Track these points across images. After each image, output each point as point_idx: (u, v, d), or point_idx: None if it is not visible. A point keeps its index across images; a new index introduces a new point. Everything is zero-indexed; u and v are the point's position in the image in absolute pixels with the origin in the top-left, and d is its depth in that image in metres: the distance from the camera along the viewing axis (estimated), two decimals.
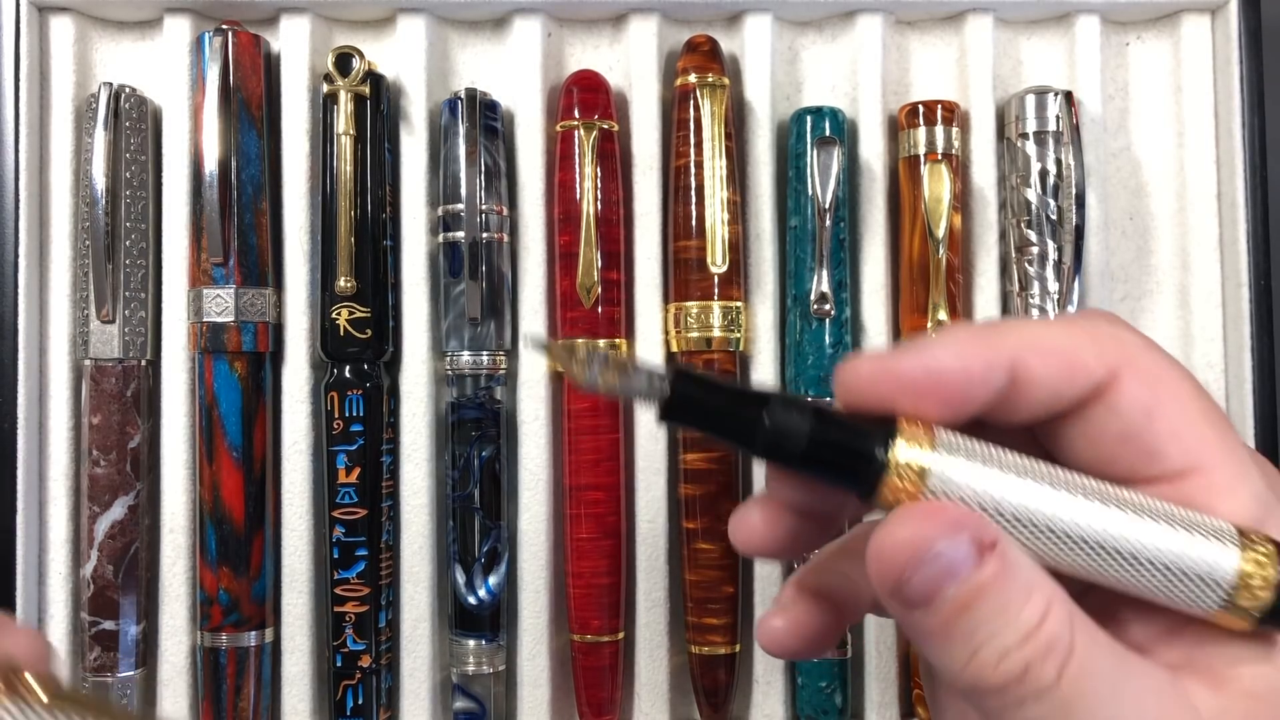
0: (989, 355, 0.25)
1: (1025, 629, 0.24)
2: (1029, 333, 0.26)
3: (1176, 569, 0.25)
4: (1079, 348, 0.26)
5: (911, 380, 0.25)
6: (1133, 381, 0.26)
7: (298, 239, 0.52)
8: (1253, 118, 0.53)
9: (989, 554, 0.24)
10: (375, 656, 0.51)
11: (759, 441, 0.26)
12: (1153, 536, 0.25)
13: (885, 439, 0.25)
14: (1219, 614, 0.25)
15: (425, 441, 0.52)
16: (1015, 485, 0.25)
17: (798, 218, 0.53)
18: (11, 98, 0.51)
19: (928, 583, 0.24)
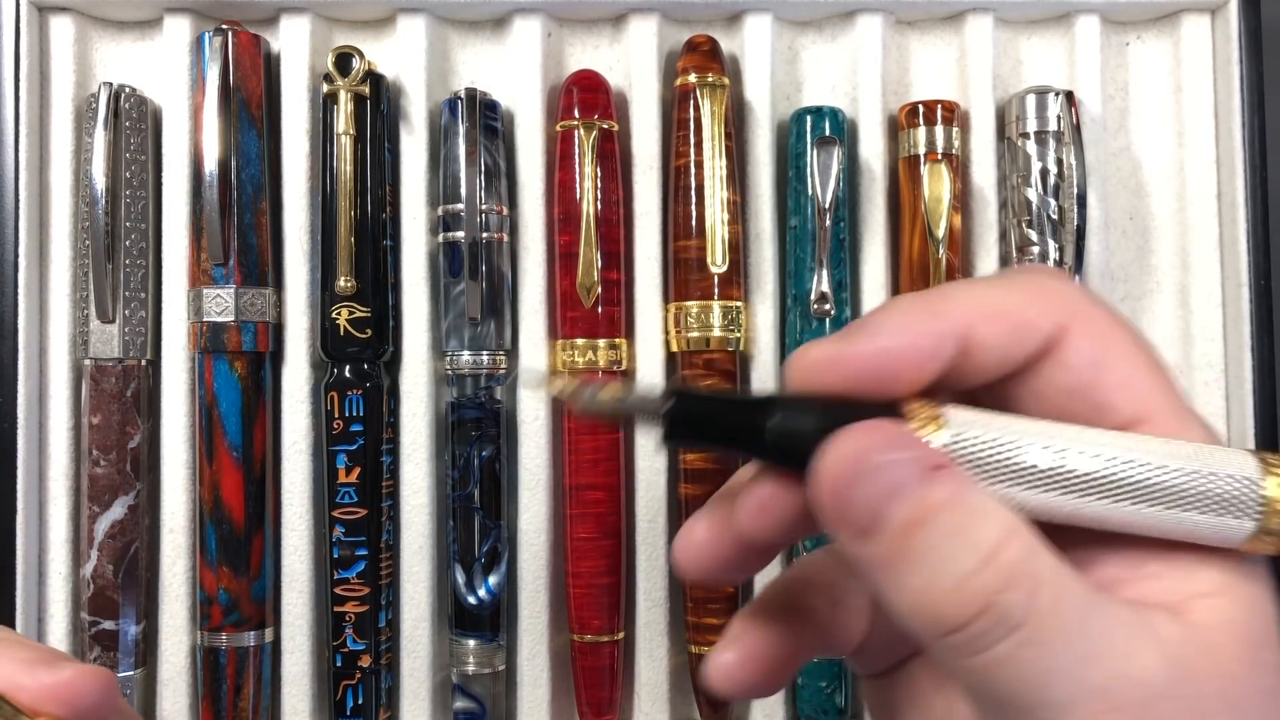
0: (937, 327, 0.25)
1: (984, 551, 0.22)
2: (974, 297, 0.26)
3: (1201, 496, 0.24)
4: (1025, 306, 0.26)
5: (863, 364, 0.25)
6: (1081, 336, 0.25)
7: (298, 239, 0.52)
8: (1253, 117, 0.53)
9: (939, 473, 0.23)
10: (375, 656, 0.51)
11: (769, 446, 0.25)
12: (1182, 469, 0.24)
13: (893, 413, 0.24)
14: (1250, 541, 0.24)
15: (425, 441, 0.52)
16: (1039, 442, 0.24)
17: (798, 217, 0.53)
18: (11, 98, 0.51)
19: (871, 500, 0.23)
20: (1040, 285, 0.26)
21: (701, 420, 0.26)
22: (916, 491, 0.23)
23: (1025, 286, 0.26)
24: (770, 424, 0.25)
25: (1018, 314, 0.25)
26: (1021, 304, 0.26)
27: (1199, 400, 0.54)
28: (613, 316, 0.52)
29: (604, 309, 0.52)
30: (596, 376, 0.52)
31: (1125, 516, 0.25)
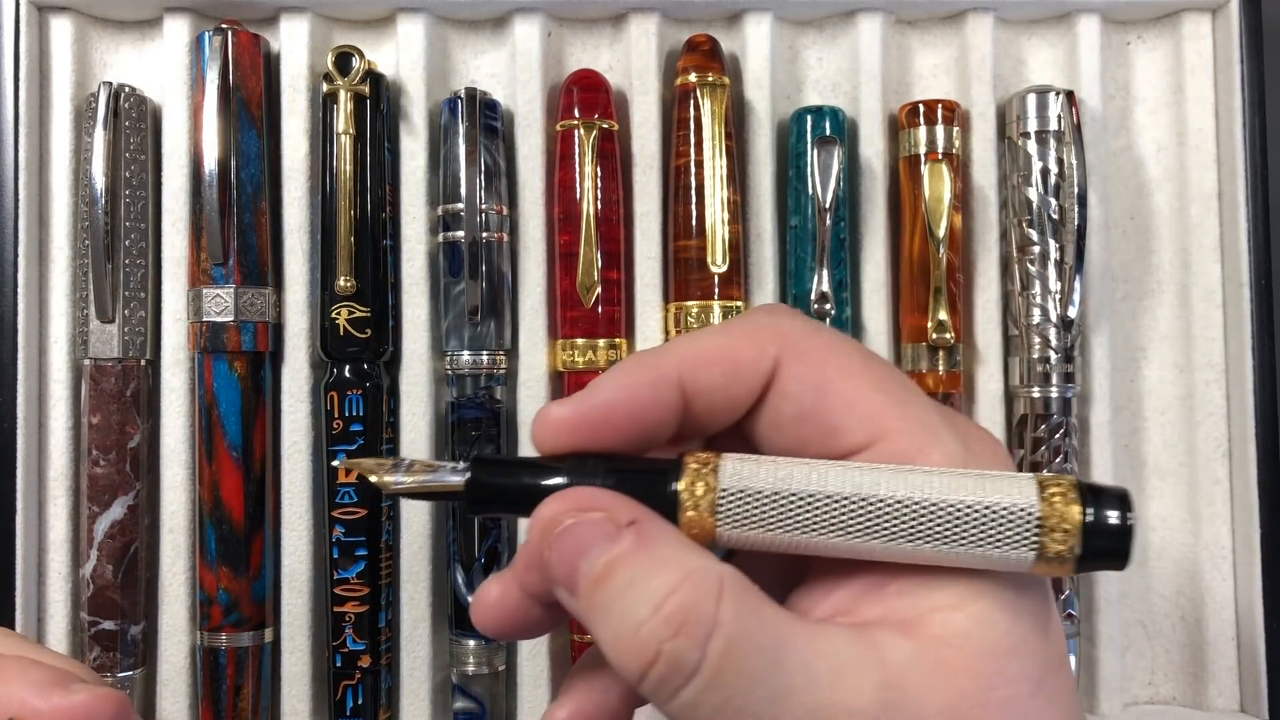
0: (653, 378, 0.26)
1: (654, 600, 0.23)
2: (688, 347, 0.27)
3: (980, 528, 0.24)
4: (736, 347, 0.27)
5: (591, 421, 0.26)
6: (795, 364, 0.26)
7: (297, 238, 0.52)
8: (1253, 117, 0.53)
9: (625, 530, 0.24)
10: (375, 656, 0.51)
11: None
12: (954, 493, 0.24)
13: (674, 475, 0.26)
14: (1038, 566, 0.24)
15: (425, 441, 0.52)
16: (806, 477, 0.25)
17: (798, 217, 0.53)
18: (11, 97, 0.51)
19: (566, 557, 0.24)
20: (753, 324, 0.27)
21: (500, 489, 0.27)
22: (601, 547, 0.24)
23: (737, 328, 0.27)
24: (562, 487, 0.26)
25: (730, 354, 0.27)
26: (734, 345, 0.27)
27: (1199, 400, 0.54)
28: (613, 316, 0.52)
29: (604, 309, 0.52)
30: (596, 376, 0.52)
31: (905, 554, 0.25)
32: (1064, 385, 0.52)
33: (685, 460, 0.26)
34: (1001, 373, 0.53)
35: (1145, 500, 0.55)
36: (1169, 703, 0.55)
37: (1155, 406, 0.55)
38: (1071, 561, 0.24)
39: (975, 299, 0.54)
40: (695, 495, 0.25)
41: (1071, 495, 0.24)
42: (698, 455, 0.26)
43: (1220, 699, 0.54)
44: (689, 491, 0.25)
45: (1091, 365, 0.54)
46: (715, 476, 0.25)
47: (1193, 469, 0.55)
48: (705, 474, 0.25)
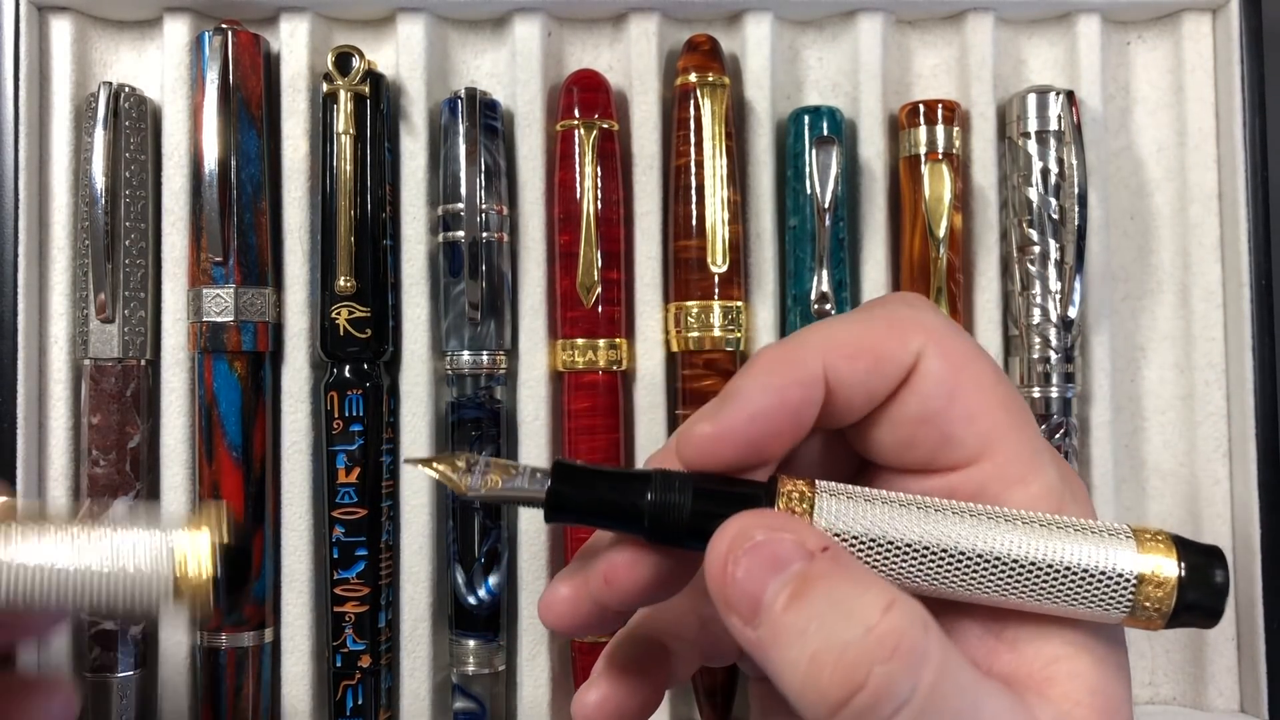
0: (800, 377, 0.25)
1: (865, 620, 0.22)
2: (831, 338, 0.26)
3: (1079, 581, 0.24)
4: (883, 339, 0.26)
5: (742, 436, 0.25)
6: (935, 361, 0.26)
7: (297, 238, 0.52)
8: (1254, 117, 0.53)
9: (819, 553, 0.23)
10: (375, 657, 0.51)
11: (646, 524, 0.25)
12: (1054, 548, 0.24)
13: (769, 502, 0.25)
14: (1129, 620, 0.25)
15: (425, 441, 0.52)
16: (905, 523, 0.25)
17: (797, 217, 0.53)
18: (11, 97, 0.51)
19: (752, 577, 0.23)
20: (895, 315, 0.27)
21: (582, 499, 0.26)
22: (795, 567, 0.23)
23: (880, 318, 0.27)
24: (646, 503, 0.25)
25: (876, 347, 0.26)
26: (879, 337, 0.26)
27: (1200, 400, 0.54)
28: (613, 316, 0.52)
29: (604, 309, 0.52)
30: (596, 377, 0.52)
31: (998, 603, 0.25)
32: (1064, 385, 0.52)
33: (780, 487, 0.25)
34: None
35: (1145, 500, 0.55)
36: (1169, 703, 0.55)
37: (1155, 406, 0.55)
38: (1162, 618, 0.24)
39: (975, 299, 0.54)
40: (792, 506, 0.25)
41: (1169, 552, 0.24)
42: (793, 482, 0.25)
43: (1220, 699, 0.54)
44: (785, 504, 0.25)
45: (1092, 365, 0.54)
46: (810, 510, 0.25)
47: (1193, 469, 0.54)
48: (799, 505, 0.25)
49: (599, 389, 0.52)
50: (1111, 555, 0.24)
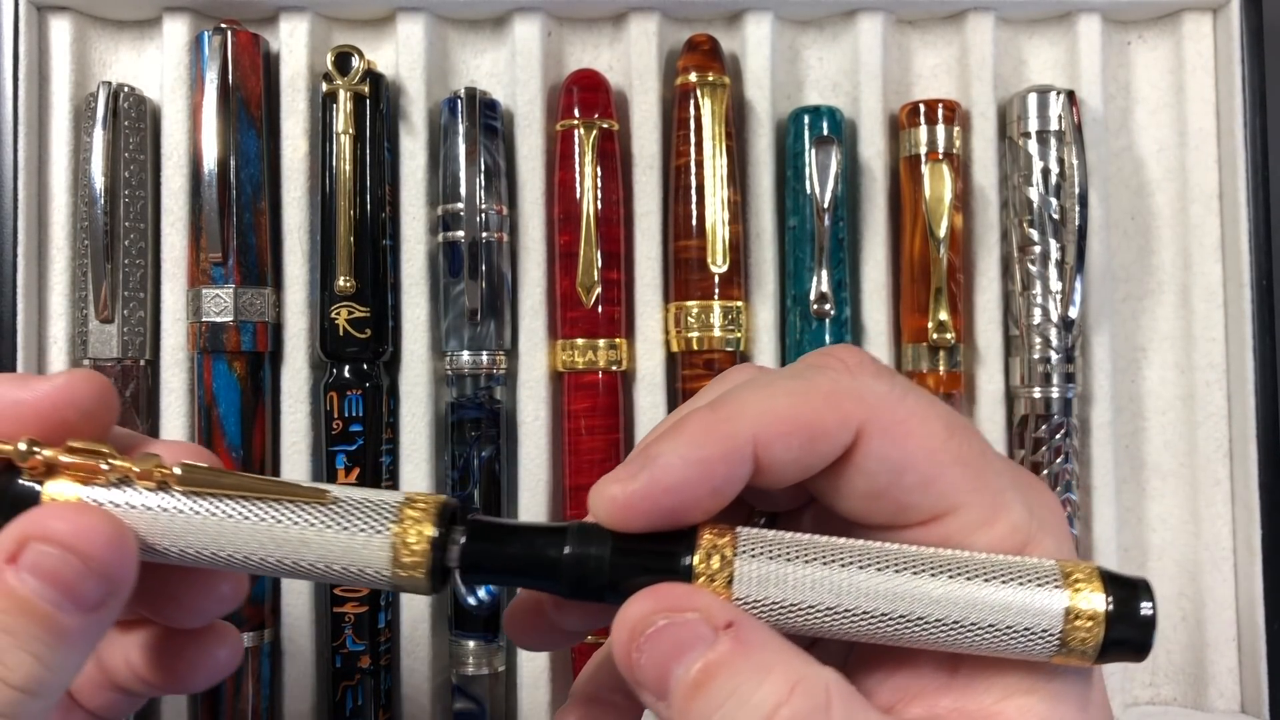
0: (727, 450, 0.24)
1: (762, 713, 0.22)
2: (766, 410, 0.25)
3: (1004, 625, 0.24)
4: (819, 415, 0.25)
5: (659, 503, 0.24)
6: (877, 440, 0.25)
7: (297, 238, 0.52)
8: (1254, 117, 0.53)
9: (724, 632, 0.23)
10: (375, 657, 0.51)
11: (563, 580, 0.25)
12: (975, 596, 0.24)
13: (688, 551, 0.24)
14: (1058, 658, 0.24)
15: (425, 441, 0.52)
16: (827, 572, 0.24)
17: (796, 217, 0.53)
18: (10, 97, 0.51)
19: (656, 661, 0.23)
20: (834, 386, 0.25)
21: (495, 556, 0.26)
22: (698, 652, 0.23)
23: (818, 391, 0.25)
24: (562, 558, 0.25)
25: (810, 423, 0.25)
26: (815, 412, 0.25)
27: (1200, 400, 0.54)
28: (613, 316, 0.52)
29: (604, 309, 0.52)
30: (596, 377, 0.52)
31: (928, 646, 0.25)
32: (1065, 385, 0.52)
33: (699, 539, 0.25)
34: (1002, 373, 0.53)
35: (1146, 501, 0.55)
36: (1170, 703, 0.55)
37: (1156, 407, 0.55)
38: (1091, 655, 0.24)
39: (976, 299, 0.54)
40: (711, 569, 0.24)
41: (1096, 588, 0.24)
42: (714, 538, 0.25)
43: (1221, 700, 0.53)
44: (704, 566, 0.24)
45: (1092, 365, 0.54)
46: (730, 575, 0.24)
47: (1193, 469, 0.54)
48: (717, 565, 0.24)
49: (599, 389, 0.52)
50: (1037, 594, 0.24)
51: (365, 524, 0.25)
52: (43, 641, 0.24)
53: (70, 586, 0.24)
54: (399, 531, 0.25)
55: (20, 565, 0.24)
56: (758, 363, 0.53)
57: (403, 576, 0.25)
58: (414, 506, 0.26)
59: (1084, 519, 0.53)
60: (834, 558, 0.24)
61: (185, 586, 0.29)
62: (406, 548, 0.25)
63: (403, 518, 0.25)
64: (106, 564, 0.25)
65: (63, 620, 0.24)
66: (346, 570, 0.26)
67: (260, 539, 0.26)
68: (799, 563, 0.24)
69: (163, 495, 0.26)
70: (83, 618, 0.25)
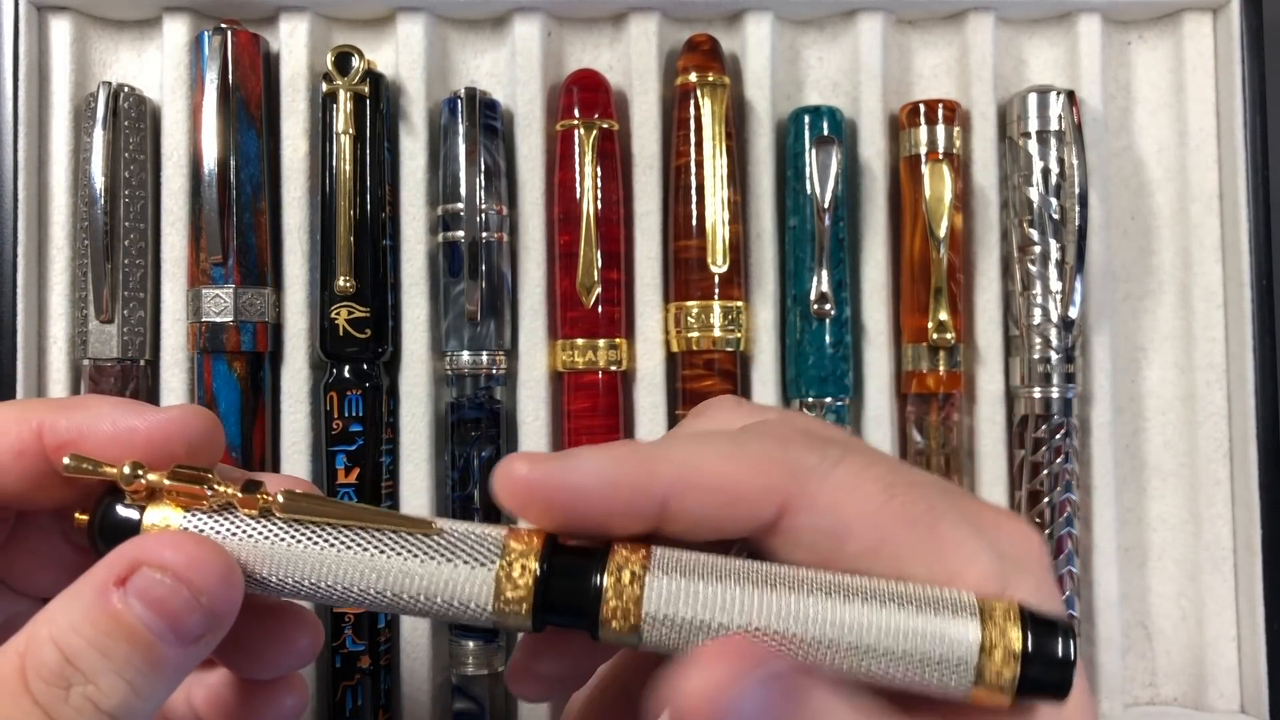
0: (635, 485, 0.24)
1: None
2: (687, 460, 0.25)
3: (917, 654, 0.23)
4: (740, 481, 0.24)
5: (552, 497, 0.24)
6: (804, 514, 0.24)
7: (297, 238, 0.52)
8: (1254, 117, 0.53)
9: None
10: (374, 658, 0.51)
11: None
12: (889, 623, 0.24)
13: (599, 567, 0.24)
14: (976, 693, 0.24)
15: (425, 441, 0.52)
16: (739, 592, 0.24)
17: (796, 217, 0.53)
18: (10, 97, 0.51)
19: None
20: (763, 453, 0.25)
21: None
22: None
23: (747, 457, 0.25)
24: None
25: (731, 490, 0.25)
26: (738, 478, 0.24)
27: (1200, 400, 0.54)
28: (613, 316, 0.52)
29: (604, 309, 0.52)
30: (596, 378, 0.52)
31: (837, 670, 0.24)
32: (1065, 385, 0.52)
33: (611, 560, 0.24)
34: (1002, 373, 0.53)
35: (1146, 501, 0.55)
36: (1170, 704, 0.55)
37: (1156, 407, 0.55)
38: (1010, 689, 0.23)
39: (976, 299, 0.54)
40: (621, 583, 0.24)
41: (1013, 626, 0.23)
42: (627, 555, 0.24)
43: (1221, 700, 0.53)
44: (614, 580, 0.24)
45: (1092, 365, 0.54)
46: (640, 590, 0.24)
47: (1194, 469, 0.54)
48: (628, 581, 0.24)
49: (599, 389, 0.52)
50: (952, 624, 0.23)
51: (470, 557, 0.25)
52: (138, 669, 0.24)
53: (176, 617, 0.24)
54: (504, 566, 0.25)
55: (129, 589, 0.24)
56: (758, 363, 0.53)
57: (505, 612, 0.25)
58: (518, 539, 0.25)
59: (1084, 519, 0.53)
60: (748, 578, 0.24)
61: (264, 640, 0.29)
62: (510, 582, 0.25)
63: (507, 550, 0.25)
64: (215, 599, 0.24)
65: (162, 651, 0.24)
66: (449, 604, 0.25)
67: (362, 569, 0.25)
68: (711, 580, 0.24)
69: (264, 523, 0.26)
70: (181, 650, 0.24)
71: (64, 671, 0.23)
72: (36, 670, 0.23)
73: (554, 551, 0.25)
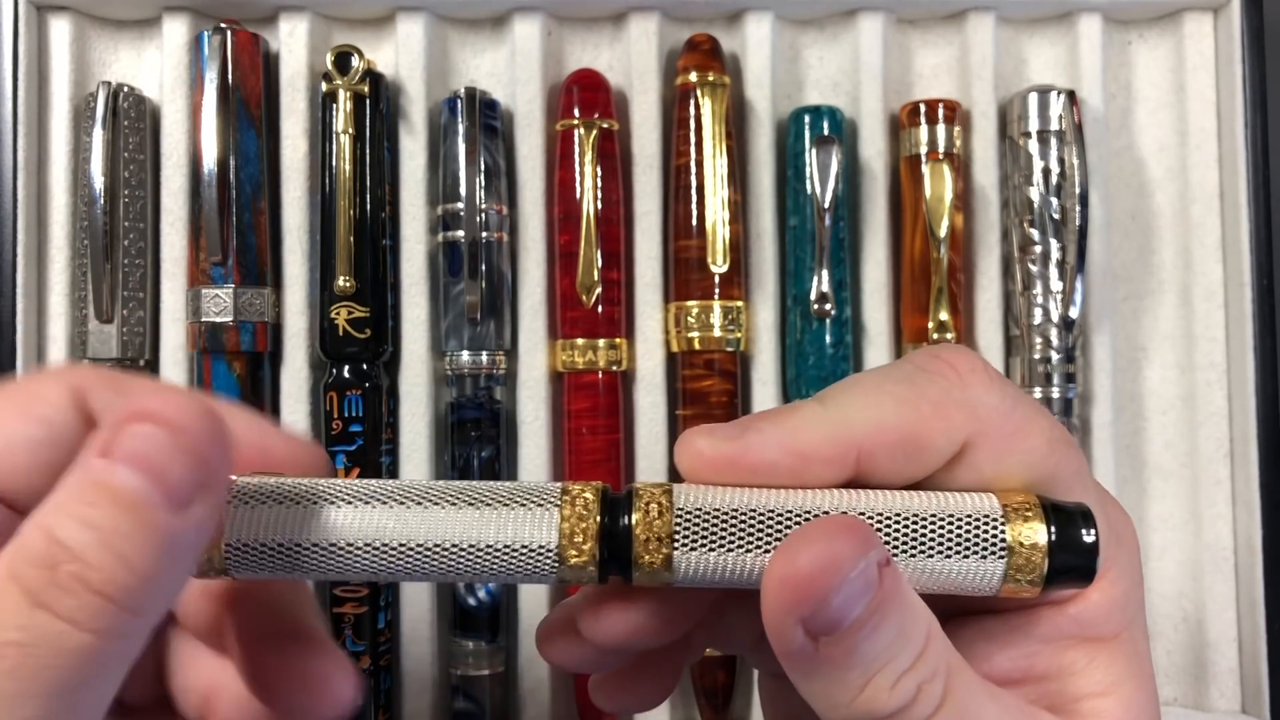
0: (828, 451, 0.24)
1: (917, 650, 0.23)
2: (872, 416, 0.24)
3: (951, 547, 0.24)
4: (925, 427, 0.24)
5: (738, 467, 0.24)
6: (980, 454, 0.25)
7: (297, 238, 0.52)
8: (1255, 117, 0.53)
9: (885, 569, 0.23)
10: (374, 658, 0.51)
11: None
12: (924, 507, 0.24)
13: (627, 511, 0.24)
14: (1006, 588, 0.24)
15: (425, 442, 0.52)
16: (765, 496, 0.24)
17: (797, 217, 0.53)
18: (10, 97, 0.51)
19: (844, 605, 0.22)
20: (944, 398, 0.25)
21: None
22: (872, 592, 0.22)
23: (930, 396, 0.25)
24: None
25: (917, 435, 0.24)
26: (924, 424, 0.25)
27: (1201, 400, 0.54)
28: (613, 316, 0.52)
29: (604, 309, 0.52)
30: (596, 377, 0.52)
31: None
32: (1065, 385, 0.52)
33: (637, 499, 0.24)
34: (1003, 373, 0.53)
35: (1147, 501, 0.55)
36: (1170, 704, 0.55)
37: (1157, 407, 0.55)
38: (1036, 584, 0.24)
39: (976, 299, 0.54)
40: (650, 518, 0.24)
41: (1037, 517, 0.24)
42: (650, 491, 0.25)
43: (1222, 700, 0.53)
44: (643, 518, 0.24)
45: (1093, 365, 0.54)
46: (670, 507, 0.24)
47: (1194, 469, 0.54)
48: (656, 509, 0.24)
49: (599, 389, 0.52)
50: (978, 505, 0.24)
51: (530, 500, 0.24)
52: (128, 538, 0.21)
53: (161, 471, 0.21)
54: (566, 504, 0.24)
55: (113, 452, 0.21)
56: (758, 363, 0.53)
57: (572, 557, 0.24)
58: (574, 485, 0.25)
59: None
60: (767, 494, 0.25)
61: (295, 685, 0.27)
62: (576, 520, 0.24)
63: (566, 493, 0.25)
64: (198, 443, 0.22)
65: (151, 514, 0.21)
66: (511, 552, 0.24)
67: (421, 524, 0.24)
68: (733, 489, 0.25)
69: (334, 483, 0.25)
70: (172, 515, 0.21)
71: (49, 552, 0.20)
72: (22, 557, 0.21)
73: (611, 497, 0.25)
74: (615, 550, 0.24)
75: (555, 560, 0.24)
